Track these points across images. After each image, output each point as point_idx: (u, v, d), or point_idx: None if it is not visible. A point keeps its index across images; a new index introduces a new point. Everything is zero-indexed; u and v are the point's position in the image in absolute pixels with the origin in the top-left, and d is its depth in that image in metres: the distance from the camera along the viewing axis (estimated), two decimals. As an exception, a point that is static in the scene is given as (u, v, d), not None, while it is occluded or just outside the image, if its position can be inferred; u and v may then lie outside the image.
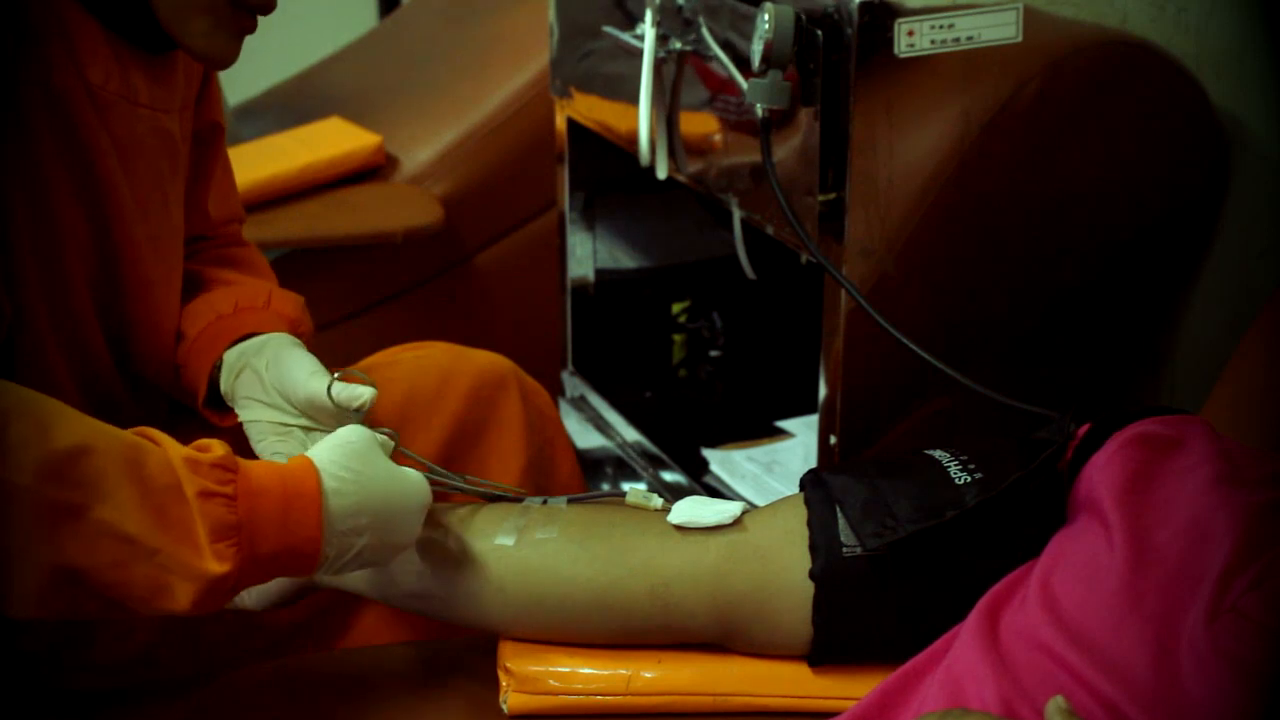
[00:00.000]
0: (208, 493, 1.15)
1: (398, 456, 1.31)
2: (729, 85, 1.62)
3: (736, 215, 1.89)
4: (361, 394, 1.37)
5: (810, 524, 1.27)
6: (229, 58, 1.40)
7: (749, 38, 1.53)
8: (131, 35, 1.38)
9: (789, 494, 1.33)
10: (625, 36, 1.78)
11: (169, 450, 1.16)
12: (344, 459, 1.23)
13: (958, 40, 1.52)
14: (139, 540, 1.12)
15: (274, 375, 1.41)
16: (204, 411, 1.48)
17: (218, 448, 1.19)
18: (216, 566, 1.14)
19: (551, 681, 1.29)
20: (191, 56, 1.41)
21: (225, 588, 1.16)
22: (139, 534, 1.12)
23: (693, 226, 2.17)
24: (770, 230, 1.64)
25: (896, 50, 1.50)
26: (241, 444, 1.40)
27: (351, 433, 1.26)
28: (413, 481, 1.26)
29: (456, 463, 1.54)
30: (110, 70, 1.37)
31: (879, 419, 1.63)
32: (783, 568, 1.27)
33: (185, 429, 1.43)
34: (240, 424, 1.44)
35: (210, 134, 1.57)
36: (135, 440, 1.16)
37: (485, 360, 1.68)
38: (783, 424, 2.01)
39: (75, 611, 1.15)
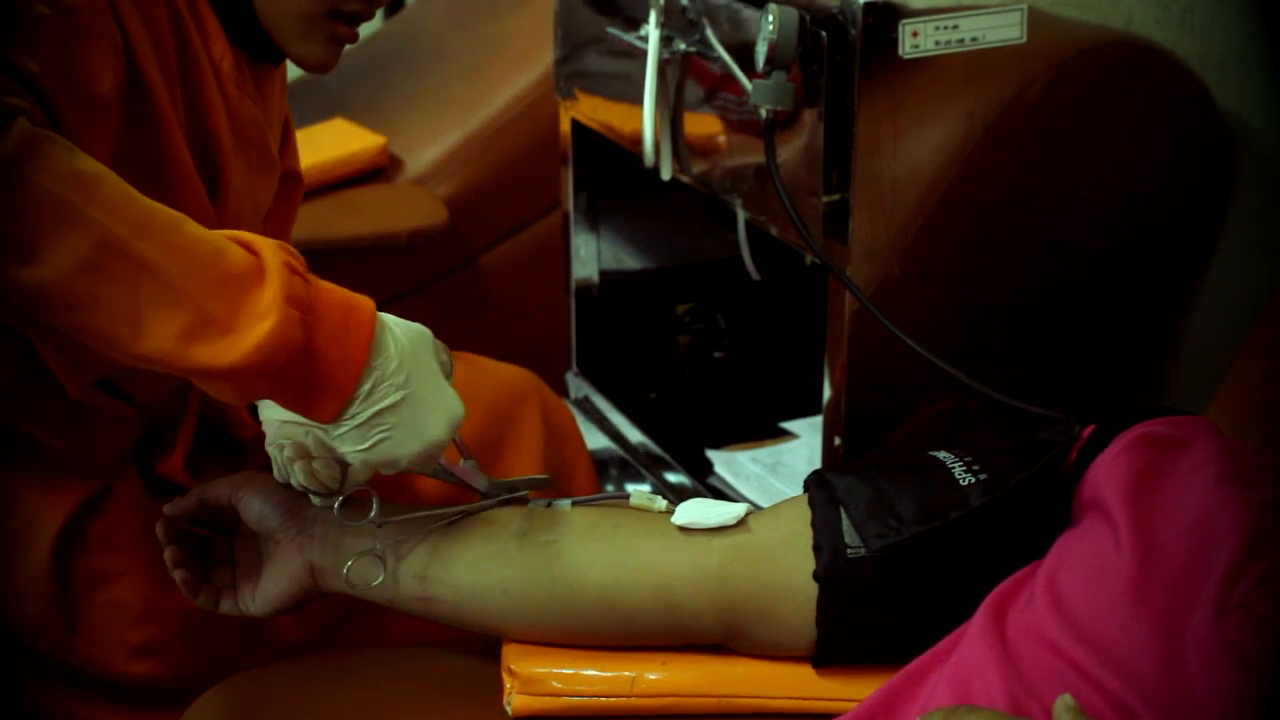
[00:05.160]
0: (290, 265, 1.17)
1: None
2: (733, 86, 1.62)
3: (740, 216, 1.89)
4: None
5: (814, 525, 1.27)
6: (327, 64, 1.43)
7: (753, 39, 1.53)
8: (241, 40, 1.42)
9: (793, 495, 1.33)
10: (629, 38, 1.78)
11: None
12: (403, 327, 1.25)
13: (962, 41, 1.52)
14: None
15: None
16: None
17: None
18: (281, 313, 1.15)
19: (555, 683, 1.29)
20: (292, 61, 1.44)
21: (278, 342, 1.15)
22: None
23: (697, 228, 2.17)
24: (774, 231, 1.64)
25: (901, 51, 1.49)
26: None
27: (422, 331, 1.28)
28: (452, 391, 1.27)
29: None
30: (226, 52, 1.40)
31: (883, 420, 1.63)
32: (787, 569, 1.26)
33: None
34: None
35: (293, 180, 1.62)
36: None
37: (507, 375, 1.68)
38: (787, 425, 2.00)
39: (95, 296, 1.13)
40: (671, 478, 1.96)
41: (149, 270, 1.12)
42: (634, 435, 2.05)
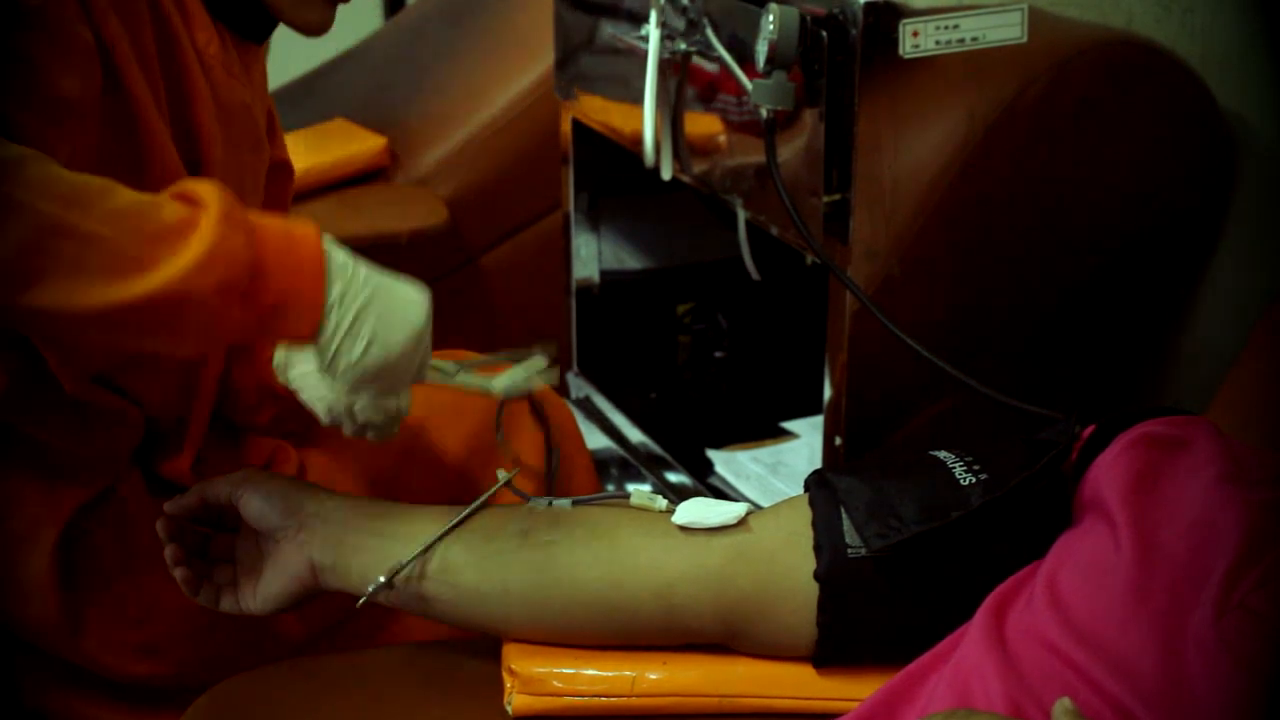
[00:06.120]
0: (230, 208, 1.17)
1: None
2: (733, 86, 1.62)
3: (741, 216, 1.89)
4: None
5: (815, 525, 1.27)
6: (325, 25, 1.43)
7: (753, 39, 1.53)
8: (226, 17, 1.41)
9: (793, 495, 1.33)
10: (629, 38, 1.79)
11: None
12: (345, 251, 1.25)
13: (962, 41, 1.52)
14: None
15: None
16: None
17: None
18: (219, 228, 1.14)
19: (556, 683, 1.29)
20: (290, 27, 1.43)
21: (221, 250, 1.14)
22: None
23: (697, 227, 2.17)
24: (775, 231, 1.64)
25: (901, 51, 1.50)
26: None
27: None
28: (412, 285, 1.27)
29: (471, 475, 1.53)
30: (211, 37, 1.40)
31: (884, 420, 1.63)
32: (787, 569, 1.26)
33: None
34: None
35: (284, 171, 1.61)
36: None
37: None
38: (788, 425, 2.01)
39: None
40: (672, 477, 1.96)
41: (91, 240, 1.11)
42: (634, 435, 2.05)
